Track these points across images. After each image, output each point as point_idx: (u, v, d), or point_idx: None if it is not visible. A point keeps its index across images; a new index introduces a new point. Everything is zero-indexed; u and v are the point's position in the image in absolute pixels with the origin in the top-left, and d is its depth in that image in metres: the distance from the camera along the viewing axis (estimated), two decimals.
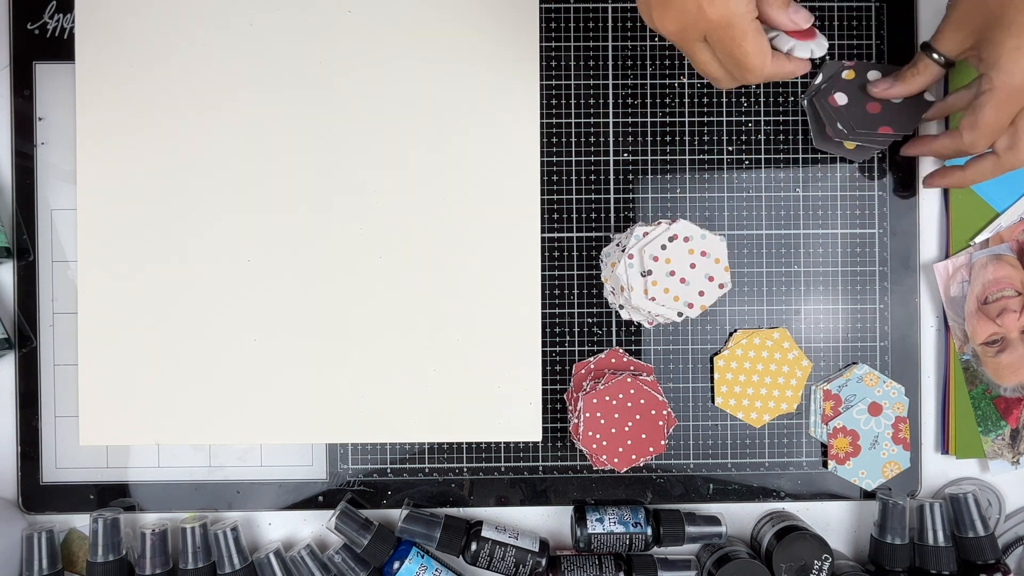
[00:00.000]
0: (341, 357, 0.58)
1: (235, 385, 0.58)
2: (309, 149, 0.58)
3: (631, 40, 0.60)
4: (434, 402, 0.58)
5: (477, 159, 0.58)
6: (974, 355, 0.59)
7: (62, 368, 0.59)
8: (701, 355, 0.60)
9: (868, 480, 0.59)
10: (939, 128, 0.60)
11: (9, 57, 0.58)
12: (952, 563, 0.57)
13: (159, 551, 0.56)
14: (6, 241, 0.58)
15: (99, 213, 0.58)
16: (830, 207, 0.60)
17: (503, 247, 0.59)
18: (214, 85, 0.58)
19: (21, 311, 0.59)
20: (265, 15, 0.58)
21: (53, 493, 0.59)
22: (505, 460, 0.60)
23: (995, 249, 0.59)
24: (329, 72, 0.58)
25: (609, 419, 0.56)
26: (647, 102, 0.60)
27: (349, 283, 0.58)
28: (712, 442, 0.60)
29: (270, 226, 0.58)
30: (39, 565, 0.55)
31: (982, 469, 0.61)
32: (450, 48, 0.58)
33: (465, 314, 0.58)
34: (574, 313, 0.60)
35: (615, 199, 0.60)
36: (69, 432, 0.59)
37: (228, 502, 0.59)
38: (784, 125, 0.60)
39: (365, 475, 0.59)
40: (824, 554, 0.56)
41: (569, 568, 0.57)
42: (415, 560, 0.57)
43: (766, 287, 0.60)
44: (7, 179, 0.59)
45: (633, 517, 0.57)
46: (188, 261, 0.58)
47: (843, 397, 0.59)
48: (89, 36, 0.58)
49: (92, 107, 0.58)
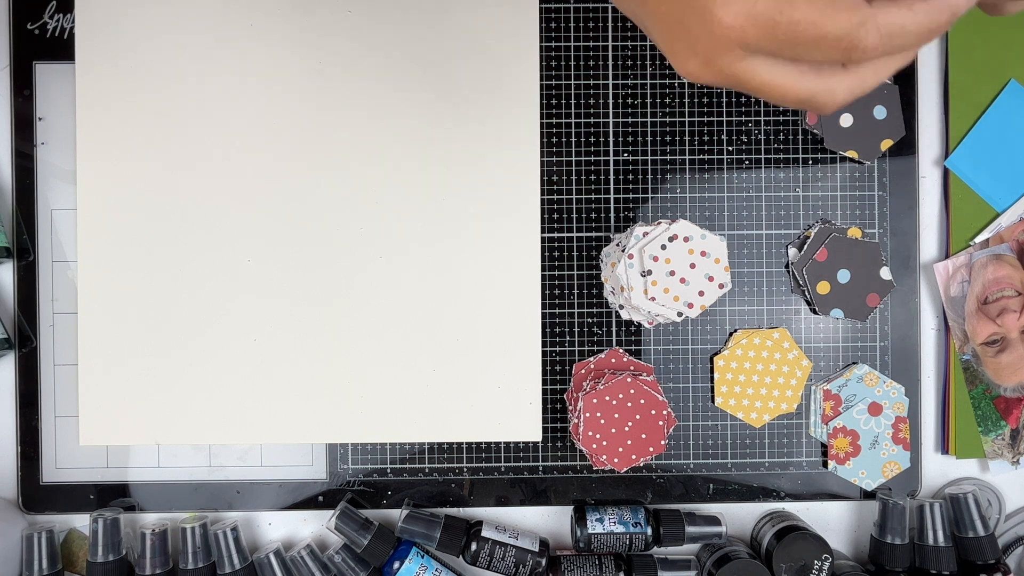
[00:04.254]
0: (341, 357, 0.58)
1: (235, 385, 0.58)
2: (308, 149, 0.58)
3: (631, 40, 0.60)
4: (434, 402, 0.58)
5: (477, 159, 0.58)
6: (974, 355, 0.59)
7: (62, 368, 0.59)
8: (701, 355, 0.60)
9: (868, 480, 0.59)
10: (939, 137, 0.60)
11: (9, 57, 0.58)
12: (952, 563, 0.57)
13: (159, 551, 0.56)
14: (6, 241, 0.58)
15: (99, 213, 0.58)
16: (830, 207, 0.60)
17: (503, 247, 0.59)
18: (214, 85, 0.58)
19: (21, 311, 0.59)
20: (266, 16, 0.58)
21: (53, 493, 0.59)
22: (505, 460, 0.60)
23: (995, 249, 0.59)
24: (329, 73, 0.58)
25: (609, 419, 0.56)
26: (647, 102, 0.60)
27: (349, 283, 0.58)
28: (712, 442, 0.60)
29: (270, 226, 0.58)
30: (39, 565, 0.55)
31: (982, 469, 0.61)
32: (450, 48, 0.58)
33: (465, 314, 0.58)
34: (574, 313, 0.60)
35: (615, 199, 0.60)
36: (69, 432, 0.59)
37: (228, 502, 0.59)
38: (784, 125, 0.60)
39: (365, 475, 0.59)
40: (824, 554, 0.56)
41: (569, 568, 0.57)
42: (415, 560, 0.57)
43: (766, 287, 0.60)
44: (7, 179, 0.59)
45: (633, 517, 0.57)
46: (188, 261, 0.58)
47: (843, 397, 0.59)
48: (89, 36, 0.58)
49: (92, 107, 0.58)
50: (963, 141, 0.60)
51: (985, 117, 0.59)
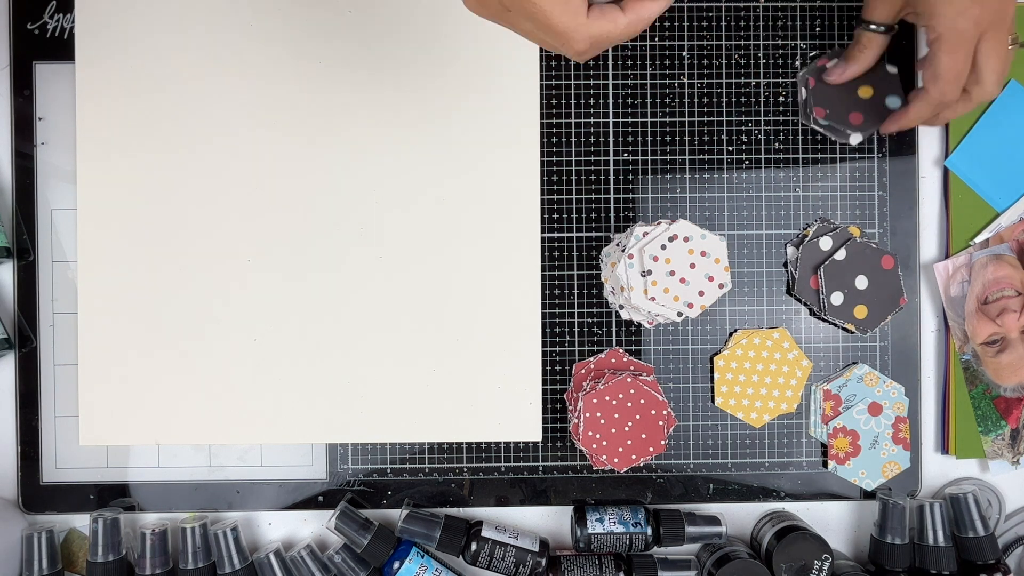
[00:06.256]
0: (341, 357, 0.58)
1: (235, 385, 0.58)
2: (308, 149, 0.58)
3: (631, 40, 0.60)
4: (434, 402, 0.58)
5: (477, 159, 0.58)
6: (974, 355, 0.59)
7: (62, 368, 0.59)
8: (701, 355, 0.60)
9: (868, 480, 0.59)
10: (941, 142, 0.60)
11: (9, 57, 0.58)
12: (952, 563, 0.57)
13: (159, 551, 0.56)
14: (6, 241, 0.58)
15: (99, 213, 0.58)
16: (830, 207, 0.60)
17: (503, 247, 0.59)
18: (213, 85, 0.58)
19: (21, 311, 0.59)
20: (265, 15, 0.58)
21: (53, 493, 0.59)
22: (505, 460, 0.60)
23: (995, 249, 0.59)
24: (329, 72, 0.58)
25: (609, 419, 0.56)
26: (647, 102, 0.60)
27: (349, 283, 0.58)
28: (712, 442, 0.60)
29: (270, 226, 0.58)
30: (39, 565, 0.55)
31: (982, 469, 0.61)
32: (450, 48, 0.58)
33: (465, 314, 0.58)
34: (574, 313, 0.60)
35: (615, 199, 0.60)
36: (69, 432, 0.59)
37: (228, 502, 0.59)
38: (784, 125, 0.60)
39: (365, 475, 0.59)
40: (824, 554, 0.56)
41: (569, 568, 0.57)
42: (415, 560, 0.57)
43: (766, 287, 0.60)
44: (7, 179, 0.59)
45: (633, 517, 0.57)
46: (188, 261, 0.58)
47: (843, 397, 0.59)
48: (89, 36, 0.58)
49: (92, 107, 0.58)
50: (963, 141, 0.60)
51: (985, 117, 0.59)
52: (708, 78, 0.60)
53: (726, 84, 0.60)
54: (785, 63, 0.60)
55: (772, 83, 0.60)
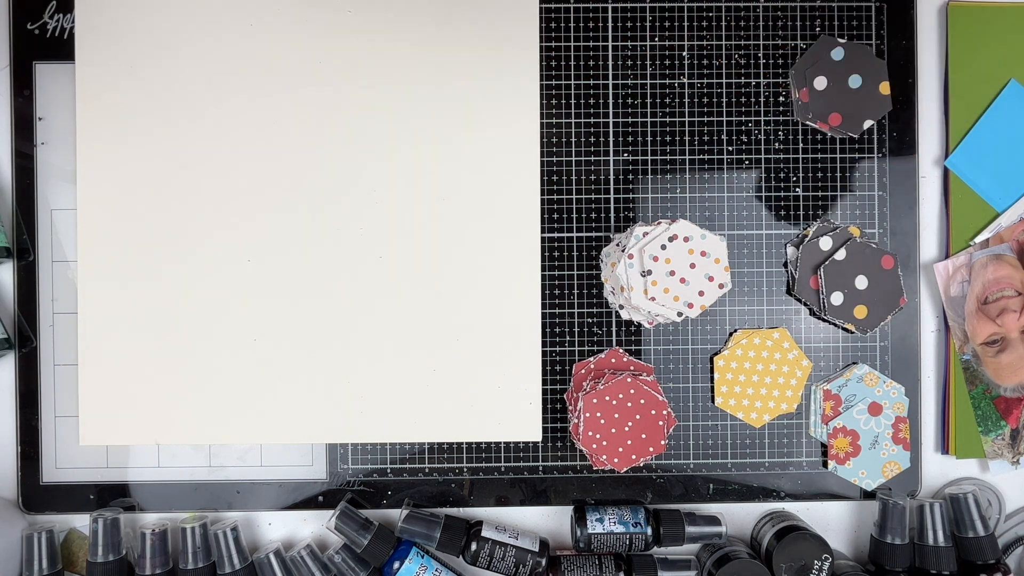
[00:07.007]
0: (341, 357, 0.58)
1: (235, 385, 0.58)
2: (308, 149, 0.58)
3: (631, 40, 0.60)
4: (434, 402, 0.58)
5: (477, 159, 0.58)
6: (974, 355, 0.59)
7: (62, 368, 0.59)
8: (701, 355, 0.60)
9: (868, 480, 0.59)
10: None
11: (9, 57, 0.58)
12: (952, 563, 0.57)
13: (159, 551, 0.56)
14: (6, 241, 0.58)
15: (99, 213, 0.58)
16: (830, 207, 0.60)
17: (503, 247, 0.59)
18: (214, 85, 0.58)
19: (21, 311, 0.59)
20: (265, 15, 0.58)
21: (53, 493, 0.59)
22: (505, 460, 0.60)
23: (995, 249, 0.59)
24: (329, 72, 0.58)
25: (609, 419, 0.56)
26: (647, 102, 0.60)
27: (349, 283, 0.58)
28: (712, 442, 0.60)
29: (270, 226, 0.58)
30: (39, 565, 0.55)
31: (982, 469, 0.61)
32: (450, 48, 0.58)
33: (465, 314, 0.58)
34: (574, 313, 0.60)
35: (615, 199, 0.60)
36: (69, 432, 0.59)
37: (228, 502, 0.59)
38: (784, 125, 0.60)
39: (365, 475, 0.59)
40: (824, 554, 0.56)
41: (569, 568, 0.57)
42: (415, 560, 0.57)
43: (766, 287, 0.60)
44: (7, 179, 0.59)
45: (633, 517, 0.57)
46: (188, 261, 0.58)
47: (843, 397, 0.59)
48: (89, 36, 0.58)
49: (92, 107, 0.58)
50: (963, 141, 0.60)
51: (985, 117, 0.59)
52: (708, 78, 0.60)
53: (726, 84, 0.60)
54: (785, 63, 0.60)
55: (772, 83, 0.60)
